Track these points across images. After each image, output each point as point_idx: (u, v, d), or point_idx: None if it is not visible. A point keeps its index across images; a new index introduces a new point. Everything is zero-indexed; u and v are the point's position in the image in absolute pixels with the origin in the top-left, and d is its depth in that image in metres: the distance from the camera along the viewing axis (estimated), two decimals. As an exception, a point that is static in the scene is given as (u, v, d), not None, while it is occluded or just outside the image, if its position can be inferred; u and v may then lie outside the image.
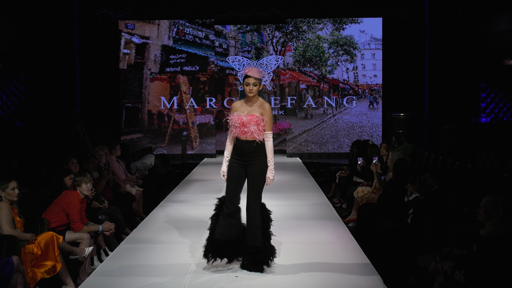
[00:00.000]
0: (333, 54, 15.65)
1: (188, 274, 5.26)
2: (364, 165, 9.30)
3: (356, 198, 8.28)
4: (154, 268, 5.43)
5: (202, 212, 7.73)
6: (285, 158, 15.17)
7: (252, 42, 16.08)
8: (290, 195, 9.25)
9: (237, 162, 5.32)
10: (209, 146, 15.73)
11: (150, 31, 15.70)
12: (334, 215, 7.76)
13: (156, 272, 5.33)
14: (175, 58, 15.78)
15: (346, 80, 15.71)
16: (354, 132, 15.58)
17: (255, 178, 5.29)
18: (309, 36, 15.61)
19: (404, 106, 15.03)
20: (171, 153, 15.62)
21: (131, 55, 15.69)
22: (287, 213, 7.87)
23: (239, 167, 5.32)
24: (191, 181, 10.99)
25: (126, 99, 15.72)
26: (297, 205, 8.44)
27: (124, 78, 15.67)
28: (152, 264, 5.58)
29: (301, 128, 15.65)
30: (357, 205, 8.26)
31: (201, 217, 7.43)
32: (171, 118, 15.79)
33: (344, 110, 15.72)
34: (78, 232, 6.15)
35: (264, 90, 16.02)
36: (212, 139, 15.73)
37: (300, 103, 15.71)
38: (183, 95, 15.77)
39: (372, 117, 15.62)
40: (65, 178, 6.79)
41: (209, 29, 15.75)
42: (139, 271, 5.38)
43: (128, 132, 15.74)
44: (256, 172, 5.29)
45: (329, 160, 14.82)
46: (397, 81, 15.33)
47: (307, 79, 15.73)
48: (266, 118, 5.31)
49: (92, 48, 15.11)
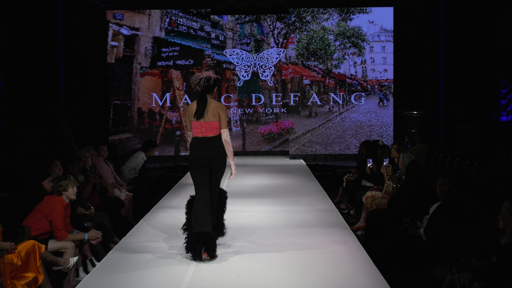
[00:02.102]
0: (340, 46, 15.65)
1: (183, 287, 5.25)
2: (374, 167, 9.29)
3: (365, 203, 8.27)
4: (145, 281, 5.42)
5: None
6: (287, 160, 15.16)
7: (251, 33, 16.08)
8: (293, 201, 9.24)
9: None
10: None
11: (140, 22, 15.70)
12: (341, 222, 7.74)
13: (148, 284, 5.32)
14: (167, 51, 15.78)
15: (353, 75, 15.71)
16: (363, 131, 15.58)
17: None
18: (314, 27, 15.61)
19: (417, 104, 15.03)
20: (163, 155, 15.62)
21: (119, 48, 15.68)
22: (289, 220, 7.85)
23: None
24: (185, 185, 10.97)
25: (114, 95, 15.71)
26: (300, 212, 8.42)
27: (112, 73, 15.67)
28: (143, 276, 5.57)
29: (305, 127, 15.65)
30: (366, 211, 8.25)
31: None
32: (163, 117, 15.79)
33: (351, 108, 15.72)
34: (62, 241, 6.14)
35: (265, 86, 16.01)
36: (208, 139, 15.69)
37: (303, 100, 15.71)
38: (176, 92, 15.77)
39: (382, 115, 15.62)
40: (43, 182, 6.77)
41: (204, 20, 15.75)
42: (129, 283, 5.37)
43: (116, 131, 15.74)
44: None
45: (336, 162, 14.81)
46: (410, 76, 15.33)
47: (311, 74, 15.74)
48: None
49: (77, 40, 15.11)
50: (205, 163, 6.17)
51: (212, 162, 6.19)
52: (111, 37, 15.65)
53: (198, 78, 6.37)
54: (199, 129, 6.19)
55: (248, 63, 15.96)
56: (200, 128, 6.19)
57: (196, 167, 6.18)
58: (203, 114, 6.17)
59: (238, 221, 7.64)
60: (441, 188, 6.21)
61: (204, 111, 6.17)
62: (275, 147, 16.11)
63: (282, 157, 15.64)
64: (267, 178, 11.90)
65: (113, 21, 15.62)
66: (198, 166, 6.17)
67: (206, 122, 6.17)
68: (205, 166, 6.18)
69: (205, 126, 6.17)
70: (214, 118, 6.19)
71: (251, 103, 16.01)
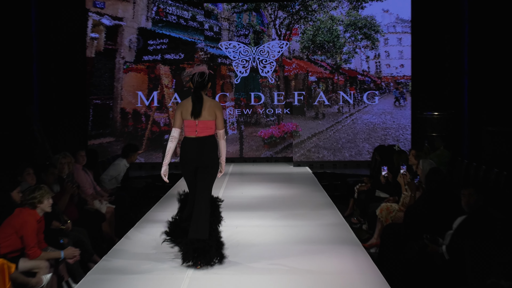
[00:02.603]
0: (350, 39, 15.67)
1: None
2: (389, 176, 9.29)
3: (380, 217, 8.27)
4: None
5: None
6: (291, 168, 15.16)
7: (250, 24, 16.10)
8: (297, 214, 9.24)
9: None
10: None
11: (124, 11, 15.72)
12: (352, 238, 7.74)
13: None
14: (154, 44, 15.79)
15: (366, 71, 15.73)
16: (377, 135, 15.59)
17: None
18: (320, 17, 15.63)
19: (438, 104, 15.03)
20: (150, 162, 15.61)
21: (100, 40, 15.70)
22: (294, 236, 7.85)
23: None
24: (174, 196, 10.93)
25: (94, 94, 15.72)
26: (306, 227, 8.42)
27: (92, 68, 15.68)
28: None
29: (311, 130, 15.66)
30: (380, 226, 8.25)
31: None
32: (149, 118, 15.79)
33: (363, 108, 15.74)
34: (34, 260, 6.12)
35: (266, 83, 16.03)
36: (201, 144, 15.69)
37: (309, 99, 15.72)
38: (164, 90, 15.78)
39: (399, 116, 15.63)
40: (12, 192, 6.76)
41: (197, 8, 15.77)
42: (111, 308, 5.36)
43: (96, 135, 15.74)
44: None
45: (346, 170, 14.81)
46: (430, 73, 15.34)
47: (318, 69, 15.75)
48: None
49: (52, 32, 15.10)
50: (196, 164, 6.50)
51: (203, 163, 6.50)
52: (91, 28, 15.66)
53: (191, 74, 6.65)
54: (193, 128, 6.50)
55: (246, 57, 15.98)
56: (194, 127, 6.49)
57: (187, 169, 6.55)
58: (200, 113, 6.47)
59: (234, 237, 7.63)
60: (467, 200, 6.20)
61: (201, 110, 6.47)
62: (277, 153, 16.11)
63: (285, 165, 15.64)
64: (267, 188, 11.89)
65: (93, 9, 15.64)
66: (190, 168, 6.53)
67: (202, 121, 6.49)
68: (196, 167, 6.52)
69: (200, 126, 6.48)
70: (210, 117, 6.50)
71: (249, 103, 16.03)
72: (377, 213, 8.34)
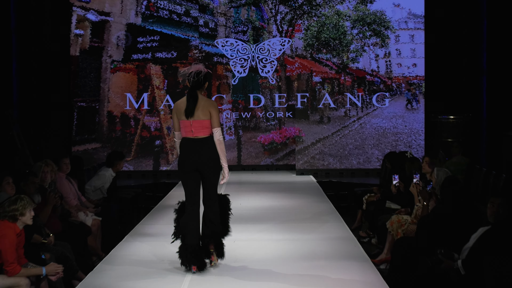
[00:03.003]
0: (358, 36, 15.70)
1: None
2: (401, 186, 9.31)
3: (390, 230, 8.28)
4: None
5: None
6: (293, 177, 15.17)
7: (248, 19, 16.13)
8: (300, 227, 9.25)
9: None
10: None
11: (111, 5, 15.76)
12: (360, 253, 7.76)
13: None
14: (145, 42, 15.82)
15: (375, 70, 15.76)
16: (387, 141, 15.61)
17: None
18: (326, 12, 15.67)
19: (455, 106, 15.03)
20: (140, 170, 15.62)
21: (85, 37, 15.72)
22: (296, 252, 7.86)
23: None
24: (166, 207, 10.96)
25: (78, 96, 15.73)
26: (310, 241, 8.43)
27: (76, 68, 15.70)
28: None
29: (315, 135, 15.68)
30: (391, 240, 8.26)
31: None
32: (139, 122, 15.80)
33: (372, 112, 15.76)
34: (13, 277, 6.13)
35: (266, 84, 16.05)
36: (195, 150, 15.69)
37: (313, 102, 15.75)
38: (155, 91, 15.80)
39: (411, 120, 15.65)
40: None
41: (191, 2, 15.80)
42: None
43: (81, 141, 15.75)
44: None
45: (353, 179, 14.82)
46: (445, 72, 15.35)
47: (323, 69, 15.78)
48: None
49: (33, 28, 15.11)
50: (196, 167, 6.85)
51: (204, 166, 6.85)
52: (75, 24, 15.68)
53: (187, 73, 6.95)
54: (189, 128, 6.86)
55: (244, 56, 16.01)
56: (189, 127, 6.86)
57: (186, 172, 6.91)
58: (194, 112, 6.82)
59: (232, 253, 7.62)
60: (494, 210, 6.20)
61: (194, 109, 6.82)
62: (278, 160, 16.13)
63: (287, 173, 15.65)
64: (268, 199, 11.90)
65: (77, 3, 15.66)
66: (189, 171, 6.89)
67: (196, 121, 6.83)
68: (196, 170, 6.88)
69: (195, 126, 6.84)
70: (205, 116, 6.84)
71: (248, 106, 16.04)
72: (388, 226, 8.35)
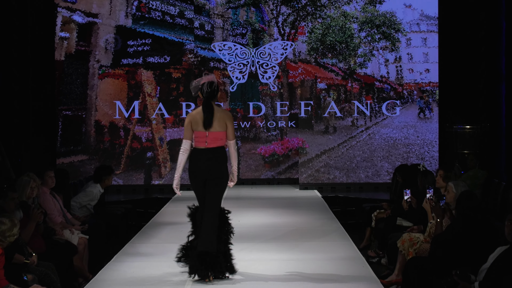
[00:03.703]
0: (366, 39, 15.74)
1: None
2: (413, 201, 9.31)
3: (401, 250, 8.28)
4: None
5: (174, 270, 7.73)
6: (297, 191, 15.17)
7: (248, 21, 16.17)
8: (304, 246, 9.25)
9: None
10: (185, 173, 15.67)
11: (99, 6, 15.80)
12: (369, 274, 7.76)
13: None
14: (135, 45, 15.85)
15: (385, 76, 15.79)
16: (398, 152, 15.62)
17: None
18: (331, 13, 15.70)
19: (471, 115, 15.04)
20: (130, 184, 15.62)
21: (71, 40, 15.75)
22: (300, 272, 7.86)
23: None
24: (159, 224, 10.97)
25: (64, 104, 15.74)
26: (315, 261, 8.43)
27: (61, 73, 15.71)
28: None
29: (320, 147, 15.69)
30: (402, 260, 8.25)
31: (174, 278, 7.41)
32: (129, 133, 15.81)
33: (382, 121, 15.78)
34: (-7, 300, 6.14)
35: (267, 91, 16.08)
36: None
37: (318, 110, 15.76)
38: (147, 99, 15.82)
39: (424, 130, 15.66)
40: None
41: (185, 3, 15.84)
42: None
43: (66, 152, 15.75)
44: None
45: (361, 194, 14.83)
46: (460, 79, 15.36)
47: (328, 75, 15.80)
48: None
49: (15, 31, 15.13)
50: (205, 175, 7.51)
51: (212, 174, 7.51)
52: (60, 26, 15.72)
53: (199, 84, 7.52)
54: (203, 139, 7.50)
55: (243, 60, 16.05)
56: (204, 138, 7.49)
57: (197, 181, 7.61)
58: (211, 124, 7.43)
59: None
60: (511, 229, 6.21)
61: (212, 121, 7.42)
62: (280, 173, 16.15)
63: (290, 187, 15.65)
64: (269, 215, 11.90)
65: (62, 4, 15.70)
66: (199, 180, 7.57)
67: (212, 132, 7.48)
68: (205, 178, 7.52)
69: (210, 137, 7.48)
70: (221, 128, 7.50)
71: (247, 115, 16.06)
72: (398, 245, 8.35)
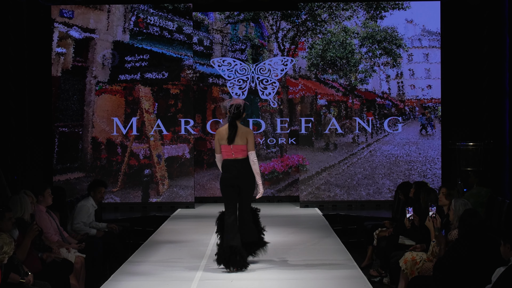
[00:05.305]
0: (367, 54, 15.76)
1: None
2: (416, 219, 9.32)
3: (404, 268, 8.28)
4: None
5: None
6: (297, 209, 15.16)
7: (247, 37, 16.21)
8: (305, 265, 9.24)
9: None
10: (183, 191, 15.72)
11: (96, 21, 15.82)
12: (371, 294, 7.75)
13: None
14: (133, 61, 15.86)
15: (386, 93, 15.81)
16: (399, 170, 15.62)
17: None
18: (332, 29, 15.74)
19: (474, 132, 15.05)
20: (127, 201, 15.58)
21: (68, 55, 15.76)
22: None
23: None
24: (157, 243, 10.96)
25: (60, 121, 15.72)
26: (315, 280, 8.43)
27: (58, 90, 15.71)
28: None
29: (320, 164, 15.69)
30: (405, 280, 8.25)
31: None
32: (126, 150, 15.81)
33: (383, 138, 15.78)
34: (-11, 321, 6.14)
35: (266, 108, 16.09)
36: (189, 180, 15.73)
37: (318, 127, 15.77)
38: (145, 115, 15.82)
39: (426, 147, 15.67)
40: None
41: (184, 18, 15.87)
42: None
43: (63, 169, 15.74)
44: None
45: (363, 212, 14.82)
46: (463, 95, 15.37)
47: (329, 91, 15.82)
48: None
49: (11, 46, 15.17)
50: (236, 182, 9.12)
51: (242, 181, 9.12)
52: (57, 41, 15.74)
53: (228, 105, 9.40)
54: (230, 152, 9.19)
55: (243, 76, 16.08)
56: (230, 151, 9.18)
57: (227, 186, 9.17)
58: (234, 139, 9.14)
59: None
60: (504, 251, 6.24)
61: (234, 137, 9.14)
62: (280, 191, 16.14)
63: (290, 205, 15.63)
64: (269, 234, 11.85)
65: (59, 19, 15.73)
66: (229, 186, 9.15)
67: (235, 145, 9.16)
68: (235, 185, 9.13)
69: (234, 150, 9.17)
70: (242, 142, 9.17)
71: (247, 131, 16.05)
72: (401, 264, 8.35)
